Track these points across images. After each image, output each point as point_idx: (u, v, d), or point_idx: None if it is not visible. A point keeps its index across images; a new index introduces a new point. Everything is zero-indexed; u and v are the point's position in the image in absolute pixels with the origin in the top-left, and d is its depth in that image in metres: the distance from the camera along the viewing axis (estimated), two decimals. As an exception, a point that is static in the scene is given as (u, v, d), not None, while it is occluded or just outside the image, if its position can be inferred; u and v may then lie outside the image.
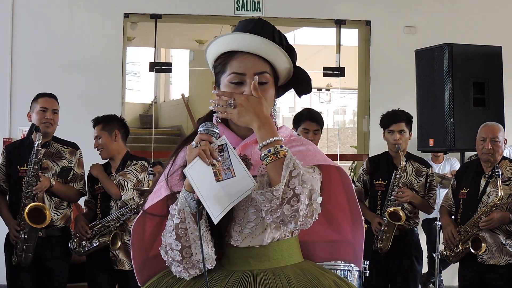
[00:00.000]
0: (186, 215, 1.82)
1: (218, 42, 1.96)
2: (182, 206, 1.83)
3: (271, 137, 1.81)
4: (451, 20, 7.21)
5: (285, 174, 1.76)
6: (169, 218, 1.86)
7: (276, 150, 1.79)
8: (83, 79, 6.83)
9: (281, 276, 1.89)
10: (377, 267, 4.54)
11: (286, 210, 1.77)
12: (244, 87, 1.91)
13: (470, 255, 4.40)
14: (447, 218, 4.61)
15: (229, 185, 1.78)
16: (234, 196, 1.79)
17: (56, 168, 4.46)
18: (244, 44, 1.93)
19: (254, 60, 1.93)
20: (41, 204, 4.27)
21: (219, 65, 1.97)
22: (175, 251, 1.84)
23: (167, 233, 1.85)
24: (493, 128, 4.47)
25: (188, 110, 12.32)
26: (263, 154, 1.80)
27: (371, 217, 4.71)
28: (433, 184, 4.79)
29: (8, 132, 6.73)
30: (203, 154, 1.77)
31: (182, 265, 1.85)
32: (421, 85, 5.66)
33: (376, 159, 4.92)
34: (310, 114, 4.65)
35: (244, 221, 1.89)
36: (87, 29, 6.90)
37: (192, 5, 7.09)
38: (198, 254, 1.83)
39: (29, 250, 4.25)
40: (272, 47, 1.94)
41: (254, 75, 1.91)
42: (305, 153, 1.93)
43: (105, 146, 4.50)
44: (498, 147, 4.41)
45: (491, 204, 4.32)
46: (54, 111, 4.49)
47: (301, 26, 9.34)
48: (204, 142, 1.79)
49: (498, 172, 4.29)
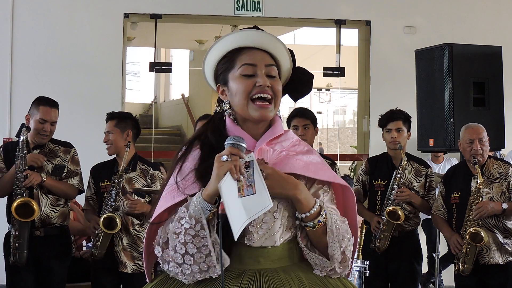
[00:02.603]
0: (201, 223, 1.81)
1: (226, 40, 1.97)
2: (197, 213, 1.82)
3: (312, 206, 1.90)
4: (451, 20, 7.21)
5: (331, 242, 1.91)
6: (177, 220, 1.84)
7: (323, 218, 1.90)
8: (83, 79, 6.83)
9: (291, 275, 1.92)
10: (377, 267, 4.55)
11: (338, 269, 1.95)
12: (256, 78, 1.93)
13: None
14: (447, 227, 4.52)
15: (249, 201, 1.80)
16: (252, 212, 1.80)
17: (50, 166, 4.45)
18: (252, 39, 1.96)
19: (263, 54, 1.97)
20: (27, 199, 4.22)
21: (226, 63, 1.98)
22: (178, 254, 1.83)
23: (173, 234, 1.84)
24: (478, 129, 4.48)
25: (188, 110, 12.34)
26: (310, 224, 1.90)
27: (370, 217, 4.72)
28: (433, 185, 4.79)
29: (8, 132, 6.73)
30: (233, 170, 1.78)
31: (180, 268, 1.85)
32: (421, 85, 5.66)
33: (375, 159, 4.93)
34: (297, 111, 4.74)
35: (259, 221, 1.91)
36: (87, 29, 6.90)
37: (192, 5, 7.09)
38: (208, 261, 1.82)
39: (22, 248, 4.22)
40: (278, 44, 1.99)
41: (265, 66, 1.95)
42: (318, 166, 2.00)
43: (114, 142, 4.48)
44: (486, 147, 4.44)
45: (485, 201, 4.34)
46: (53, 124, 4.45)
47: (301, 26, 9.35)
48: (235, 157, 1.80)
49: (475, 160, 4.34)
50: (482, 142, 4.42)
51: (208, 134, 1.99)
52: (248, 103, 1.93)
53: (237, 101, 1.95)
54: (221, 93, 2.01)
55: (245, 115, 1.95)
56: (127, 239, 4.40)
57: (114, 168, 4.51)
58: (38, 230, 4.36)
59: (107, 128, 4.54)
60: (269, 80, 1.94)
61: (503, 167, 4.44)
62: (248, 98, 1.93)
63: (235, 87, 1.95)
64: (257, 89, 1.92)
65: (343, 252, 1.93)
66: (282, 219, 1.94)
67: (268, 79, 1.94)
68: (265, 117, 1.94)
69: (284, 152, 1.99)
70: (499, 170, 4.43)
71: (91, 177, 4.61)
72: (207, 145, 1.97)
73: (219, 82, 2.01)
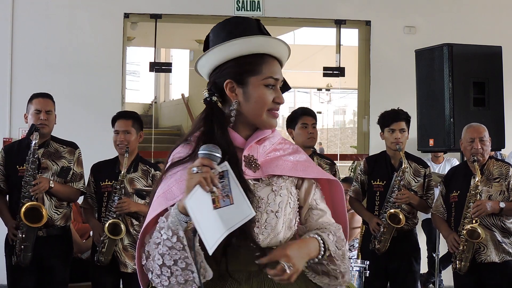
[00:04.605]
0: (177, 235, 1.77)
1: (252, 41, 1.95)
2: (174, 225, 1.78)
3: (318, 253, 1.93)
4: (451, 20, 7.21)
5: (340, 263, 1.97)
6: (157, 230, 1.81)
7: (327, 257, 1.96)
8: (83, 79, 6.83)
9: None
10: (377, 267, 4.55)
11: (344, 282, 2.02)
12: (275, 92, 1.98)
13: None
14: (446, 226, 4.54)
15: (226, 212, 1.75)
16: (230, 223, 1.75)
17: (56, 167, 4.45)
18: (278, 51, 2.00)
19: (279, 66, 2.02)
20: (37, 203, 4.25)
21: (249, 65, 1.95)
22: (156, 264, 1.81)
23: (153, 244, 1.82)
24: (479, 128, 4.49)
25: (188, 110, 12.31)
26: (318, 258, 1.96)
27: (369, 217, 4.71)
28: (431, 184, 4.79)
29: (8, 132, 6.73)
30: (203, 182, 1.73)
31: (159, 279, 1.82)
32: (421, 85, 5.66)
33: (374, 159, 4.92)
34: (305, 110, 4.79)
35: (262, 222, 1.92)
36: (87, 29, 6.90)
37: (192, 5, 7.09)
38: (185, 274, 1.79)
39: (27, 250, 4.24)
40: (287, 53, 2.03)
41: (281, 82, 2.00)
42: (306, 164, 2.03)
43: (131, 143, 4.44)
44: (487, 147, 4.45)
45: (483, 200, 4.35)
46: (48, 112, 4.44)
47: (301, 26, 9.34)
48: (205, 169, 1.75)
49: (474, 159, 4.35)
50: (483, 142, 4.42)
51: (218, 133, 1.92)
52: (266, 113, 1.96)
53: (253, 108, 1.95)
54: (229, 90, 1.96)
55: (255, 121, 1.97)
56: (127, 239, 4.39)
57: (116, 168, 4.50)
58: (41, 231, 4.36)
59: (122, 127, 4.46)
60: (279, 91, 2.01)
61: (503, 168, 4.45)
62: (266, 109, 1.96)
63: (255, 95, 1.95)
64: (273, 105, 1.97)
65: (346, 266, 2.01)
66: (284, 218, 1.95)
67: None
68: (274, 126, 2.02)
69: (272, 154, 1.99)
70: (500, 170, 4.44)
71: (92, 175, 4.58)
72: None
73: (229, 78, 1.96)
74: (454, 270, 4.45)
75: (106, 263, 4.35)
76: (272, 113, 1.97)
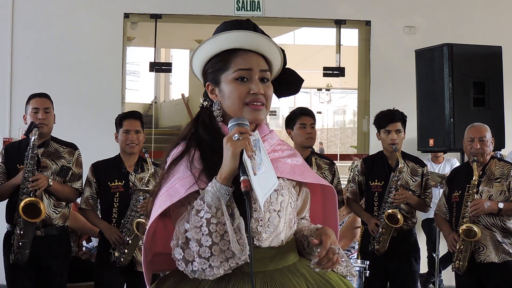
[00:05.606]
0: (221, 209, 1.76)
1: (219, 39, 1.92)
2: (215, 202, 1.76)
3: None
4: (451, 20, 7.21)
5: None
6: (194, 214, 1.78)
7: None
8: (83, 79, 6.83)
9: (297, 274, 1.93)
10: (376, 267, 4.54)
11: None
12: (250, 84, 1.90)
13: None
14: (447, 226, 4.55)
15: (261, 179, 1.77)
16: (265, 190, 1.78)
17: (55, 167, 4.44)
18: (248, 42, 1.92)
19: (258, 57, 1.94)
20: (36, 199, 4.21)
21: (218, 63, 1.94)
22: (205, 247, 1.77)
23: (195, 228, 1.77)
24: (480, 128, 4.50)
25: (188, 110, 12.32)
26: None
27: (367, 218, 4.71)
28: (429, 183, 4.79)
29: (8, 132, 6.73)
30: (247, 147, 1.75)
31: (209, 262, 1.77)
32: (421, 85, 5.66)
33: (371, 159, 4.92)
34: (303, 110, 4.77)
35: (266, 221, 1.92)
36: (87, 29, 6.90)
37: (192, 5, 7.09)
38: (232, 247, 1.77)
39: (25, 247, 4.21)
40: (272, 47, 1.95)
41: (260, 71, 1.92)
42: (302, 168, 2.03)
43: (140, 142, 4.53)
44: (487, 147, 4.45)
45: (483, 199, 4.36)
46: (46, 111, 4.44)
47: (301, 26, 9.34)
48: (245, 135, 1.77)
49: (474, 158, 4.38)
50: (483, 142, 4.43)
51: (201, 132, 1.95)
52: (243, 107, 1.90)
53: (229, 105, 1.92)
54: (210, 92, 1.97)
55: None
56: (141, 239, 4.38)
57: (122, 168, 4.50)
58: (39, 230, 4.35)
59: (134, 126, 4.49)
60: (262, 85, 1.92)
61: (505, 168, 4.46)
62: (241, 103, 1.90)
63: (227, 91, 1.91)
64: (251, 97, 1.90)
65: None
66: (285, 217, 1.96)
67: (261, 83, 1.92)
68: (258, 119, 1.93)
69: (271, 155, 1.98)
70: (502, 170, 4.45)
71: (93, 175, 4.53)
72: (206, 144, 1.92)
73: (208, 81, 1.97)
74: (453, 270, 4.46)
75: (126, 263, 4.34)
76: (252, 106, 1.90)
